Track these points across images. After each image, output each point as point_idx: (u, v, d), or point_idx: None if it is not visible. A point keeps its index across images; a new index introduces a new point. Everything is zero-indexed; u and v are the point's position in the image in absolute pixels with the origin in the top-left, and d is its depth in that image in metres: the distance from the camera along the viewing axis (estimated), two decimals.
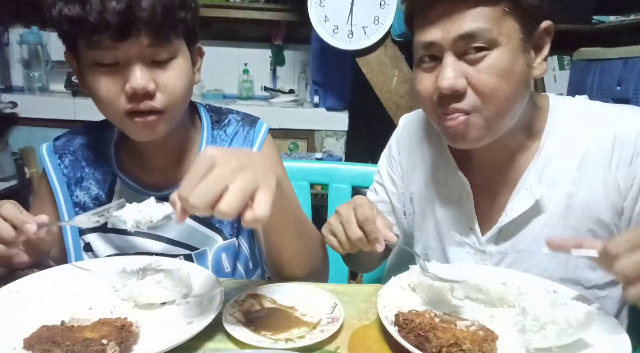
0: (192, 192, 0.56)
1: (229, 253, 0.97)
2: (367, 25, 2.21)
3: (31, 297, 0.70)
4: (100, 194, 0.94)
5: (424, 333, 0.58)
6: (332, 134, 2.58)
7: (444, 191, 0.93)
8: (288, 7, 2.65)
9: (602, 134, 0.79)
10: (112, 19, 0.72)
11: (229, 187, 0.57)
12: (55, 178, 0.95)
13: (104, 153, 0.96)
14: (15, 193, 2.50)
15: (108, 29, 0.72)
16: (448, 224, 0.93)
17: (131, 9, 0.72)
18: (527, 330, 0.60)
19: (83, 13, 0.72)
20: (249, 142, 0.99)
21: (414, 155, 1.00)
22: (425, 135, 0.99)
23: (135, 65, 0.77)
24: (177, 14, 0.79)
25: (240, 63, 2.97)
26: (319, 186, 2.16)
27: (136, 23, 0.73)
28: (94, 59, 0.77)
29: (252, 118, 1.04)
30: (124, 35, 0.74)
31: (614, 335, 0.60)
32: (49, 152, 0.97)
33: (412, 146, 1.01)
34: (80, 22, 0.73)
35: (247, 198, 0.58)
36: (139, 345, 0.59)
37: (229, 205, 0.56)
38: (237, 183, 0.57)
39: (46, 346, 0.55)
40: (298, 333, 0.63)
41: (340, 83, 2.55)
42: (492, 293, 0.72)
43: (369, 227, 0.76)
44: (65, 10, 0.74)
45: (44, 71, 2.70)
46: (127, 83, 0.77)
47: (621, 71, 1.89)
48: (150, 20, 0.74)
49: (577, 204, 0.80)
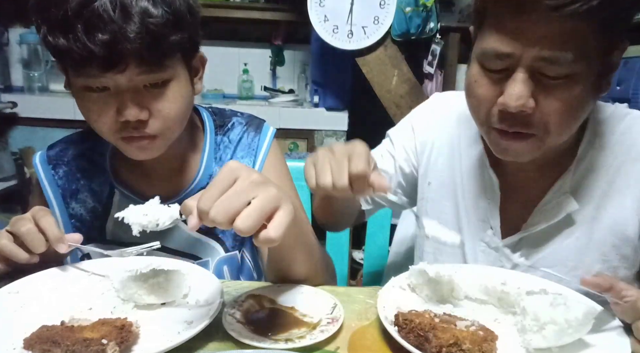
0: (212, 205, 0.53)
1: (231, 266, 0.95)
2: (367, 25, 2.21)
3: (31, 297, 0.69)
4: (96, 207, 0.91)
5: (423, 334, 0.58)
6: (332, 133, 2.58)
7: (470, 184, 0.89)
8: (288, 7, 2.65)
9: (636, 148, 0.78)
10: (97, 50, 0.68)
11: (250, 203, 0.54)
12: (50, 190, 0.92)
13: (100, 163, 0.93)
14: (15, 193, 2.50)
15: (94, 60, 0.69)
16: (468, 217, 0.89)
17: (117, 40, 0.68)
18: (526, 330, 0.60)
19: (67, 44, 0.68)
20: (253, 151, 0.96)
21: (442, 139, 0.94)
22: (461, 124, 0.93)
23: (126, 94, 0.73)
24: (169, 39, 0.73)
25: (240, 63, 2.97)
26: None
27: (123, 54, 0.69)
28: (81, 85, 0.74)
29: (257, 121, 1.00)
30: (111, 66, 0.70)
31: (614, 335, 0.60)
32: (42, 162, 0.93)
33: (442, 129, 0.94)
34: (65, 52, 0.69)
35: (265, 216, 0.55)
36: (139, 345, 0.59)
37: (246, 222, 0.53)
38: (257, 200, 0.54)
39: (46, 346, 0.55)
40: (298, 334, 0.63)
41: (340, 83, 2.55)
42: (492, 293, 0.72)
43: (357, 182, 0.68)
44: (49, 38, 0.70)
45: (43, 71, 2.70)
46: (118, 112, 0.74)
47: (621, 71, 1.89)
48: (139, 50, 0.69)
49: (604, 219, 0.78)
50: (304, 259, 0.77)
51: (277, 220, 0.55)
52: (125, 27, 0.68)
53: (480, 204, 0.88)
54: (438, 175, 0.94)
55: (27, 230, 0.71)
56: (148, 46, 0.70)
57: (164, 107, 0.77)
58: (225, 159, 0.94)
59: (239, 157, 0.95)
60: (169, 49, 0.74)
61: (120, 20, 0.68)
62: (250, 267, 0.99)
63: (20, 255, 0.72)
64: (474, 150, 0.90)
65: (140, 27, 0.69)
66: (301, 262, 0.77)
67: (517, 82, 0.66)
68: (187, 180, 0.92)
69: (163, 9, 0.71)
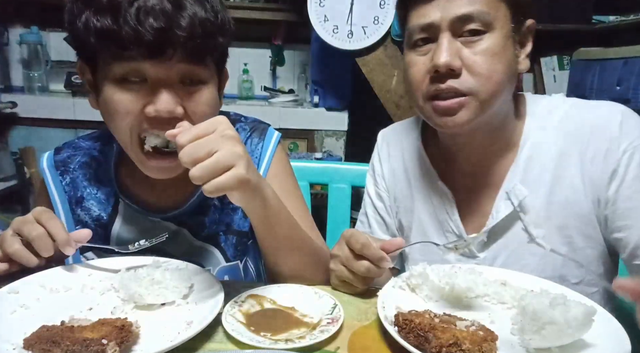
0: (186, 143, 0.62)
1: (232, 276, 0.94)
2: (367, 25, 2.21)
3: (31, 297, 0.69)
4: (101, 216, 0.91)
5: (423, 334, 0.58)
6: (331, 133, 2.58)
7: (427, 202, 0.94)
8: (288, 7, 2.65)
9: (578, 131, 0.81)
10: (147, 35, 0.67)
11: (212, 155, 0.61)
12: (57, 195, 0.91)
13: (105, 172, 0.92)
14: (15, 193, 2.50)
15: (141, 45, 0.68)
16: (434, 235, 0.93)
17: (170, 28, 0.68)
18: (526, 330, 0.60)
19: (115, 26, 0.68)
20: (256, 159, 0.95)
21: (395, 169, 1.01)
22: (404, 148, 1.00)
23: (163, 86, 0.72)
24: (216, 38, 0.75)
25: (240, 63, 2.97)
26: (318, 186, 2.16)
27: (173, 43, 0.69)
28: (118, 73, 0.72)
29: (261, 127, 0.99)
30: (158, 53, 0.69)
31: (614, 335, 0.60)
32: (50, 166, 0.93)
33: (392, 160, 1.01)
34: (110, 35, 0.68)
35: (220, 170, 0.61)
36: (139, 345, 0.59)
37: (199, 171, 0.61)
38: (218, 153, 0.61)
39: (46, 346, 0.55)
40: (298, 334, 0.63)
41: (340, 83, 2.55)
42: (491, 294, 0.72)
43: (368, 251, 0.72)
44: (94, 20, 0.69)
45: (43, 71, 2.70)
46: (151, 105, 0.72)
47: (621, 71, 1.89)
48: (188, 41, 0.70)
49: (558, 202, 0.81)
50: (290, 253, 0.79)
51: (221, 178, 0.62)
52: (178, 17, 0.69)
53: (441, 218, 0.92)
54: (401, 204, 0.99)
55: (38, 235, 0.71)
56: (196, 39, 0.71)
57: (197, 108, 0.76)
58: None
59: None
60: (213, 48, 0.76)
61: (173, 11, 0.69)
62: (253, 277, 0.99)
63: (32, 261, 0.73)
64: (423, 170, 0.96)
65: (191, 20, 0.70)
66: (292, 254, 0.79)
67: (442, 44, 0.76)
68: (191, 190, 0.92)
69: (212, 12, 0.74)
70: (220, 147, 0.62)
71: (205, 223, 0.93)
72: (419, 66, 0.79)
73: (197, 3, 0.72)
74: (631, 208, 0.77)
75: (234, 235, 0.95)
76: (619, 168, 0.77)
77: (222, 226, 0.94)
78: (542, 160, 0.83)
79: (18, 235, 0.73)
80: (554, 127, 0.83)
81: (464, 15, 0.74)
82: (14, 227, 0.73)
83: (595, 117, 0.81)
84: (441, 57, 0.74)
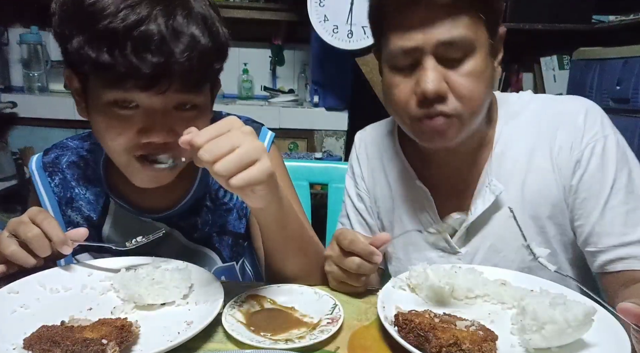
0: (205, 142, 0.60)
1: (228, 277, 0.94)
2: (367, 25, 2.20)
3: (31, 297, 0.70)
4: (91, 216, 0.90)
5: (423, 334, 0.58)
6: (331, 133, 2.58)
7: (406, 201, 0.95)
8: (288, 7, 2.65)
9: (547, 124, 0.85)
10: (144, 69, 0.66)
11: (234, 150, 0.60)
12: (46, 197, 0.91)
13: (94, 172, 0.91)
14: (15, 193, 2.50)
15: (138, 77, 0.67)
16: (416, 233, 0.93)
17: (167, 61, 0.67)
18: (526, 330, 0.60)
19: (111, 59, 0.66)
20: None
21: (374, 170, 1.01)
22: (382, 149, 1.01)
23: (157, 114, 0.72)
24: (213, 66, 0.75)
25: (240, 63, 2.97)
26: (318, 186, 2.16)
27: (169, 74, 0.68)
28: (111, 98, 0.71)
29: (254, 126, 0.97)
30: (153, 85, 0.69)
31: (614, 335, 0.60)
32: (38, 168, 0.92)
33: (371, 161, 1.02)
34: (105, 68, 0.66)
35: (244, 165, 0.60)
36: (139, 345, 0.59)
37: (225, 165, 0.59)
38: (241, 148, 0.60)
39: (46, 346, 0.55)
40: (298, 334, 0.63)
41: (340, 83, 2.55)
42: (491, 294, 0.72)
43: (357, 246, 0.73)
44: (88, 50, 0.67)
45: (43, 71, 2.70)
46: (144, 134, 0.72)
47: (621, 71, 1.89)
48: (185, 73, 0.69)
49: (531, 193, 0.84)
50: (297, 252, 0.78)
51: (249, 171, 0.61)
52: (175, 50, 0.68)
53: (421, 216, 0.93)
54: (382, 205, 1.00)
55: (34, 235, 0.71)
56: (193, 70, 0.70)
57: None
58: None
59: None
60: (210, 76, 0.76)
61: (172, 42, 0.67)
62: (251, 277, 0.98)
63: (30, 261, 0.73)
64: (401, 170, 0.97)
65: (189, 50, 0.69)
66: (295, 255, 0.78)
67: (428, 70, 0.75)
68: (183, 190, 0.91)
69: (210, 38, 0.72)
70: (242, 142, 0.61)
71: (198, 225, 0.92)
72: (403, 88, 0.79)
73: (197, 26, 0.70)
74: (589, 197, 0.81)
75: (229, 236, 0.94)
76: (582, 159, 0.81)
77: (215, 228, 0.93)
78: (514, 154, 0.86)
79: (14, 237, 0.73)
80: (525, 122, 0.87)
81: (447, 41, 0.73)
82: (9, 228, 0.73)
83: (563, 110, 0.85)
84: (429, 85, 0.74)
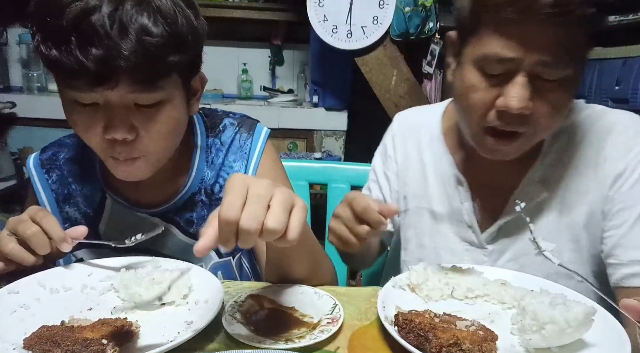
0: (239, 213, 0.53)
1: (225, 272, 0.94)
2: (366, 25, 2.21)
3: (31, 297, 0.69)
4: (88, 212, 0.91)
5: (423, 333, 0.58)
6: (331, 133, 2.58)
7: (441, 188, 0.94)
8: (287, 7, 2.66)
9: (596, 134, 0.82)
10: (89, 64, 0.65)
11: (270, 205, 0.55)
12: (44, 194, 0.92)
13: (91, 169, 0.91)
14: (15, 193, 2.50)
15: (84, 74, 0.66)
16: (445, 222, 0.93)
17: (110, 56, 0.65)
18: (526, 330, 0.60)
19: (59, 55, 0.66)
20: (245, 154, 0.93)
21: (410, 154, 1.00)
22: (422, 133, 0.99)
23: (115, 111, 0.71)
24: (166, 59, 0.70)
25: (239, 63, 2.97)
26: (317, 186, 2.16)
27: (115, 71, 0.66)
28: (72, 96, 0.72)
29: (249, 122, 0.98)
30: (102, 81, 0.67)
31: (614, 335, 0.60)
32: (36, 166, 0.93)
33: (408, 144, 1.01)
34: (56, 64, 0.67)
35: (288, 212, 0.56)
36: (139, 345, 0.59)
37: (277, 220, 0.54)
38: (276, 199, 0.55)
39: (46, 346, 0.55)
40: (298, 334, 0.63)
41: (340, 83, 2.56)
42: (491, 294, 0.72)
43: (369, 215, 0.75)
44: (42, 48, 0.67)
45: (42, 71, 2.70)
46: (105, 129, 0.72)
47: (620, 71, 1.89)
48: (132, 68, 0.67)
49: (571, 200, 0.83)
50: (306, 257, 0.77)
51: (294, 217, 0.56)
52: (121, 44, 0.65)
53: (454, 206, 0.92)
54: (411, 189, 0.99)
55: (33, 233, 0.71)
56: (142, 65, 0.67)
57: (153, 128, 0.74)
58: (217, 163, 0.93)
59: (231, 161, 0.93)
60: (165, 70, 0.71)
61: (116, 36, 0.65)
62: (248, 273, 0.98)
63: (29, 259, 0.72)
64: (440, 158, 0.95)
65: (137, 45, 0.66)
66: (303, 260, 0.77)
67: (519, 86, 0.70)
68: (179, 185, 0.91)
69: (164, 28, 0.68)
70: (270, 193, 0.56)
71: (194, 220, 0.92)
72: (484, 94, 0.73)
73: (148, 16, 0.68)
74: (623, 209, 0.79)
75: None
76: (625, 171, 0.79)
77: None
78: (564, 165, 0.84)
79: (14, 235, 0.73)
80: (580, 141, 0.84)
81: (548, 63, 0.68)
82: (9, 226, 0.73)
83: (614, 122, 0.82)
84: (517, 101, 0.69)
